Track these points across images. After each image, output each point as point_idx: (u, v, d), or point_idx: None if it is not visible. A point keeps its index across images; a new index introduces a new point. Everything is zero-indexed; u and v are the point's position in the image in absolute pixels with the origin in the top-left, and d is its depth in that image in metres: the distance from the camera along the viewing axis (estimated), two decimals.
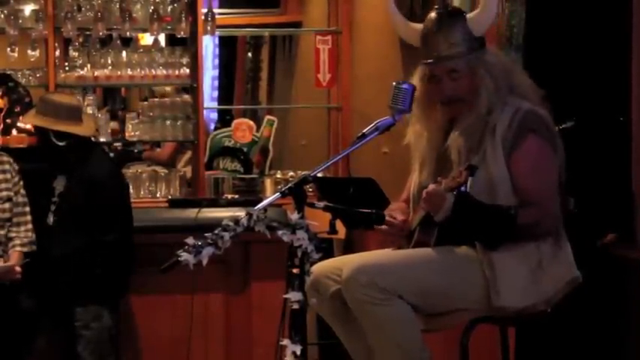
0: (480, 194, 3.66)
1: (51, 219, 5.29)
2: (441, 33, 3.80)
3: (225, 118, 8.41)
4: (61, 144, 5.23)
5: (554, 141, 3.78)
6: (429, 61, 3.82)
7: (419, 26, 3.92)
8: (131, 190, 6.15)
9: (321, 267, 3.77)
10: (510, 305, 3.69)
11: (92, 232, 5.14)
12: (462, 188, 3.56)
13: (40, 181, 5.33)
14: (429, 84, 3.84)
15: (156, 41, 6.80)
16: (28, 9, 6.45)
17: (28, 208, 5.28)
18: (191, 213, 5.51)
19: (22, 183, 5.30)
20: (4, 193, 5.22)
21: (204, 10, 6.41)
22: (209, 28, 6.42)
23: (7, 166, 5.27)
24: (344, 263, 3.78)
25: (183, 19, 6.38)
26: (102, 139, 6.39)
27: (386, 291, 3.63)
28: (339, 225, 4.81)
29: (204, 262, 3.44)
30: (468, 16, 3.85)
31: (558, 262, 3.78)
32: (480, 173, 3.62)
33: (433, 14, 3.85)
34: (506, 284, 3.67)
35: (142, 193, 6.35)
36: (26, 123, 5.41)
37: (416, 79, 3.86)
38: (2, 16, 6.36)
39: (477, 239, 3.72)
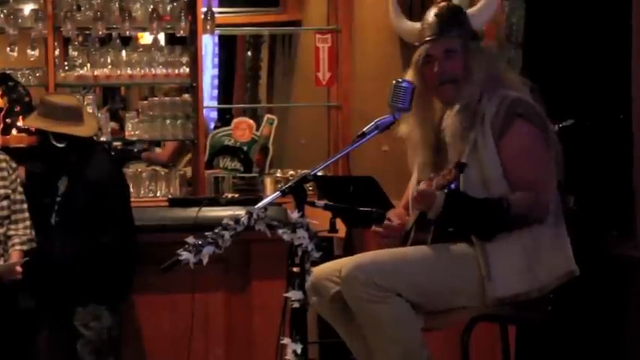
0: (473, 184, 3.70)
1: (54, 219, 5.29)
2: (439, 18, 3.88)
3: (225, 117, 8.40)
4: (60, 145, 5.23)
5: (544, 126, 3.80)
6: (427, 39, 3.87)
7: (419, 25, 3.96)
8: (131, 190, 6.16)
9: (321, 269, 3.78)
10: (504, 292, 3.69)
11: (91, 233, 5.14)
12: (453, 185, 3.61)
13: (46, 180, 5.33)
14: (424, 67, 3.88)
15: (155, 40, 6.80)
16: (27, 8, 6.46)
17: (25, 206, 5.27)
18: (191, 212, 5.50)
19: (19, 181, 5.30)
20: (2, 191, 5.21)
21: (204, 9, 6.41)
22: (209, 27, 6.42)
23: (3, 164, 5.27)
24: (343, 265, 3.78)
25: (183, 18, 6.38)
26: (102, 139, 6.39)
27: (384, 288, 3.65)
28: (340, 224, 4.81)
29: (205, 261, 3.43)
30: (469, 11, 3.95)
31: (555, 252, 3.79)
32: (471, 162, 3.68)
33: (434, 9, 3.93)
34: (500, 270, 3.69)
35: (142, 192, 6.34)
36: (27, 126, 5.42)
37: (410, 73, 3.90)
38: (2, 15, 6.36)
39: (471, 233, 3.74)
